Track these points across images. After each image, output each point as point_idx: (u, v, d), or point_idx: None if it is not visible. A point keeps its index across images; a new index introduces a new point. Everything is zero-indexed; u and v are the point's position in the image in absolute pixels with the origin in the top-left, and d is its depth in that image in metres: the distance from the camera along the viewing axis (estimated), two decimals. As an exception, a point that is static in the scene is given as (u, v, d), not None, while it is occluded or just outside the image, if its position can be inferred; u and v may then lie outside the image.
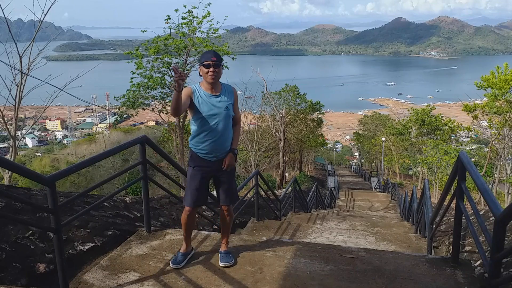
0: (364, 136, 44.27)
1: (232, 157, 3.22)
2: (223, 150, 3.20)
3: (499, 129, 15.97)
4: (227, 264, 3.25)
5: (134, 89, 11.92)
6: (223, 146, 3.18)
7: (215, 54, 3.02)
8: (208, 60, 2.99)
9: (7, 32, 8.05)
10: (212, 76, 3.02)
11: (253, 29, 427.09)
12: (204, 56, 3.04)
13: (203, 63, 3.02)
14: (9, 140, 11.67)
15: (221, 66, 3.09)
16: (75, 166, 2.95)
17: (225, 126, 3.13)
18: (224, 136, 3.15)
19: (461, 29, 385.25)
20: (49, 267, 2.97)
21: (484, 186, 2.50)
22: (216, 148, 3.15)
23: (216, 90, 3.12)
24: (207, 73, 3.02)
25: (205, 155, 3.18)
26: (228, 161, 3.20)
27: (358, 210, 14.50)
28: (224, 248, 3.42)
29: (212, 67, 3.00)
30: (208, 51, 3.06)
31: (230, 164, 3.21)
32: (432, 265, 3.29)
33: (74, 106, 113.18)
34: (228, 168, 3.22)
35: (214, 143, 3.12)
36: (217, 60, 3.01)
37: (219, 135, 3.11)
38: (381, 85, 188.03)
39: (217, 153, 3.17)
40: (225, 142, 3.18)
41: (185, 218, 3.29)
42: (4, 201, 3.47)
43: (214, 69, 3.01)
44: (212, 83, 3.06)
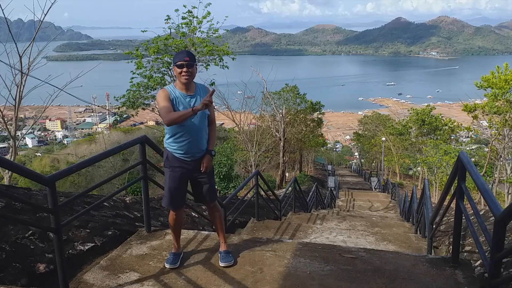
0: (364, 136, 44.25)
1: (209, 159, 3.22)
2: (199, 150, 3.19)
3: (499, 129, 15.97)
4: (227, 264, 3.25)
5: (134, 89, 11.91)
6: (199, 146, 3.17)
7: (188, 54, 3.03)
8: (181, 60, 2.99)
9: (7, 32, 8.05)
10: (186, 76, 3.02)
11: (253, 29, 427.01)
12: (177, 56, 3.04)
13: (176, 63, 3.02)
14: (9, 140, 11.68)
15: (195, 65, 3.09)
16: (75, 166, 2.95)
17: (200, 126, 3.13)
18: (199, 136, 3.14)
19: (461, 29, 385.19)
20: (49, 267, 2.97)
21: (484, 186, 2.50)
22: (192, 148, 3.14)
23: (191, 90, 3.12)
24: (181, 73, 3.03)
25: (182, 155, 3.16)
26: (206, 163, 3.20)
27: (358, 210, 14.50)
28: (224, 247, 3.42)
29: (186, 67, 3.00)
30: (181, 52, 3.07)
31: (208, 166, 3.21)
32: (432, 265, 3.29)
33: (74, 106, 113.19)
34: (207, 170, 3.22)
35: (190, 143, 3.12)
36: (190, 60, 3.01)
37: (194, 135, 3.11)
38: (381, 85, 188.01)
39: (193, 153, 3.16)
40: (201, 142, 3.17)
41: (172, 220, 3.33)
42: (4, 201, 3.47)
43: (188, 69, 3.01)
44: (186, 83, 3.06)
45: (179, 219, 3.37)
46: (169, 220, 3.36)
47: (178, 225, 3.37)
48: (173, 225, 3.36)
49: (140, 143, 3.63)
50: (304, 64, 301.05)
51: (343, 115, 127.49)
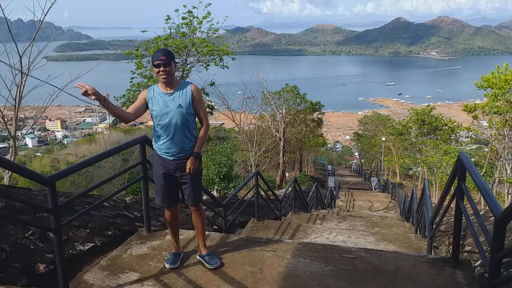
0: (364, 136, 44.25)
1: (194, 161, 3.14)
2: (181, 150, 3.13)
3: (499, 129, 15.96)
4: (215, 266, 3.23)
5: (134, 89, 11.92)
6: (179, 146, 3.12)
7: (164, 52, 3.01)
8: (158, 60, 2.99)
9: (7, 32, 8.05)
10: (164, 75, 3.02)
11: (253, 29, 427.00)
12: (154, 56, 3.03)
13: (153, 63, 3.02)
14: (9, 140, 11.67)
15: (173, 63, 3.05)
16: (75, 166, 2.95)
17: (179, 125, 3.08)
18: (179, 135, 3.09)
19: (461, 29, 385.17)
20: (49, 267, 2.97)
21: (484, 186, 2.50)
22: (172, 147, 3.11)
23: (171, 88, 3.11)
24: (158, 73, 3.03)
25: (163, 153, 3.17)
26: (189, 164, 3.13)
27: (358, 210, 14.50)
28: (205, 251, 3.37)
29: (162, 66, 2.99)
30: (158, 51, 3.06)
31: (191, 168, 3.14)
32: (432, 265, 3.29)
33: (74, 106, 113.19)
34: (191, 171, 3.16)
35: (169, 142, 3.11)
36: (167, 59, 2.99)
37: (173, 134, 3.08)
38: (381, 85, 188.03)
39: (174, 153, 3.13)
40: (181, 141, 3.11)
41: (166, 218, 3.36)
42: (4, 201, 3.47)
43: (165, 68, 3.00)
44: (164, 82, 3.06)
45: (173, 217, 3.36)
46: (165, 219, 3.38)
47: (173, 223, 3.36)
48: (168, 223, 3.37)
49: (140, 143, 3.63)
50: (304, 64, 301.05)
51: (343, 115, 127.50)
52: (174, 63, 3.10)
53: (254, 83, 21.49)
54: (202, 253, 3.36)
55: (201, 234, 3.39)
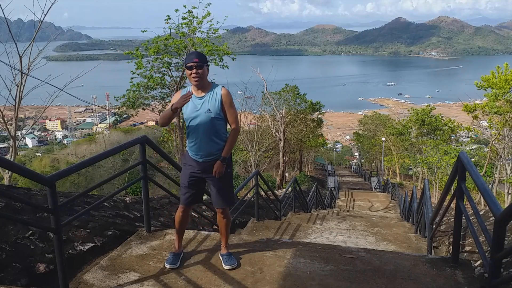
0: (364, 136, 44.26)
1: (220, 165, 3.13)
2: (210, 154, 3.14)
3: (499, 129, 15.97)
4: (231, 267, 3.24)
5: (134, 89, 11.90)
6: (207, 149, 3.13)
7: (197, 55, 3.01)
8: (190, 62, 2.99)
9: (7, 32, 8.05)
10: (196, 78, 3.02)
11: (253, 29, 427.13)
12: (187, 58, 3.04)
13: (186, 65, 3.03)
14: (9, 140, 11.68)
15: (205, 66, 3.05)
16: (75, 166, 2.95)
17: (207, 129, 3.08)
18: (206, 139, 3.10)
19: (461, 29, 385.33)
20: (49, 267, 2.98)
21: (484, 186, 2.50)
22: (200, 150, 3.13)
23: (203, 91, 3.11)
24: (191, 75, 3.03)
25: (194, 155, 3.20)
26: (216, 168, 3.14)
27: (358, 210, 14.50)
28: (225, 250, 3.40)
29: (195, 68, 2.99)
30: (191, 53, 3.06)
31: (218, 172, 3.15)
32: (432, 265, 3.29)
33: (74, 106, 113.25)
34: (218, 175, 3.17)
35: (198, 145, 3.13)
36: (200, 61, 2.99)
37: (200, 137, 3.10)
38: (381, 85, 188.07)
39: (202, 155, 3.15)
40: (209, 145, 3.11)
41: (176, 217, 3.35)
42: (4, 201, 3.47)
43: (197, 71, 3.00)
44: (196, 84, 3.07)
45: (184, 216, 3.35)
46: (175, 217, 3.37)
47: (182, 222, 3.35)
48: (176, 222, 3.36)
49: (140, 143, 3.63)
50: (304, 64, 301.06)
51: (343, 115, 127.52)
52: (207, 66, 3.10)
53: (254, 83, 21.49)
54: (222, 252, 3.39)
55: (224, 235, 3.41)
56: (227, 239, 3.45)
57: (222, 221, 3.38)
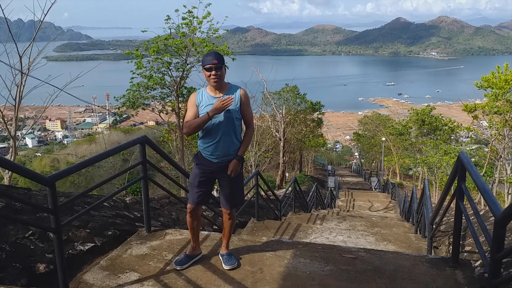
0: (364, 136, 44.26)
1: (236, 164, 3.12)
2: (226, 154, 3.12)
3: (499, 129, 15.97)
4: (231, 267, 3.22)
5: (134, 89, 11.91)
6: (225, 150, 3.11)
7: (216, 56, 2.97)
8: (209, 64, 2.95)
9: (7, 32, 8.05)
10: (215, 79, 3.00)
11: (253, 29, 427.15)
12: (205, 59, 2.99)
13: (205, 66, 2.99)
14: (9, 140, 11.68)
15: (224, 67, 3.04)
16: (75, 166, 2.95)
17: (226, 129, 3.07)
18: (226, 140, 3.08)
19: (461, 29, 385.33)
20: (49, 267, 2.97)
21: (484, 186, 2.49)
22: (218, 151, 3.10)
23: (220, 92, 3.09)
24: (209, 77, 3.00)
25: (208, 156, 3.16)
26: (232, 167, 3.12)
27: (358, 210, 14.50)
28: (225, 250, 3.39)
29: (214, 70, 2.97)
30: (209, 53, 3.01)
31: (234, 170, 3.13)
32: (432, 265, 3.29)
33: (74, 106, 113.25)
34: (233, 174, 3.15)
35: (215, 146, 3.09)
36: (219, 62, 2.96)
37: (219, 138, 3.07)
38: (381, 85, 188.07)
39: (219, 156, 3.12)
40: (228, 145, 3.10)
41: (188, 217, 3.31)
42: (4, 201, 3.47)
43: (216, 72, 2.97)
44: (215, 85, 3.05)
45: (194, 217, 3.29)
46: (187, 218, 3.32)
47: (193, 223, 3.30)
48: (187, 223, 3.31)
49: (140, 143, 3.63)
50: (304, 64, 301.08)
51: (343, 115, 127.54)
52: (225, 67, 3.09)
53: (254, 83, 21.49)
54: (222, 252, 3.38)
55: (227, 235, 3.39)
56: (229, 240, 3.44)
57: (227, 222, 3.36)
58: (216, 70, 2.97)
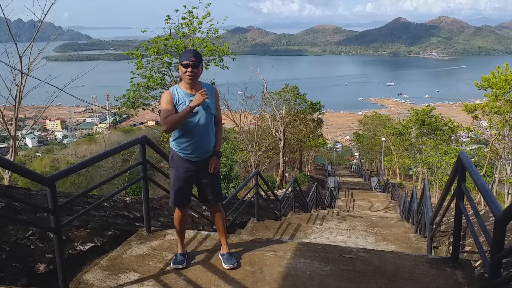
0: (364, 136, 44.26)
1: (216, 160, 3.22)
2: (206, 151, 3.17)
3: (499, 129, 15.97)
4: (231, 266, 3.23)
5: (134, 89, 11.91)
6: (205, 147, 3.15)
7: (194, 53, 2.99)
8: (187, 60, 2.96)
9: (7, 32, 8.05)
10: (190, 76, 3.00)
11: (253, 29, 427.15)
12: (183, 55, 3.00)
13: (182, 62, 2.99)
14: (9, 140, 11.67)
15: (201, 66, 3.05)
16: (75, 166, 2.95)
17: (206, 126, 3.11)
18: (206, 136, 3.13)
19: (461, 29, 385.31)
20: (49, 267, 2.97)
21: (484, 187, 2.49)
22: (198, 149, 3.13)
23: (196, 90, 3.09)
24: (185, 73, 3.00)
25: (188, 156, 3.15)
26: (214, 164, 3.19)
27: (358, 210, 14.49)
28: (226, 250, 3.38)
29: (191, 67, 2.97)
30: (187, 51, 3.03)
31: (216, 167, 3.21)
32: (432, 265, 3.29)
33: (74, 106, 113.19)
34: (215, 170, 3.21)
35: (196, 143, 3.10)
36: (196, 60, 2.97)
37: (200, 135, 3.10)
38: (381, 85, 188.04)
39: (199, 154, 3.14)
40: (207, 142, 3.15)
41: (176, 219, 3.34)
42: (4, 201, 3.47)
43: (193, 69, 2.98)
44: (190, 83, 3.05)
45: (183, 218, 3.35)
46: (174, 220, 3.36)
47: (182, 224, 3.35)
48: (177, 224, 3.35)
49: (140, 143, 3.63)
50: (304, 64, 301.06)
51: (343, 115, 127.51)
52: (202, 65, 3.10)
53: (254, 83, 21.50)
54: (222, 252, 3.37)
55: (223, 233, 3.41)
56: (227, 238, 3.45)
57: (220, 217, 3.37)
58: (192, 68, 2.98)
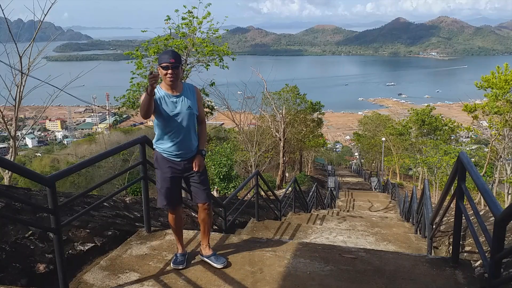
0: (364, 136, 44.27)
1: (201, 159, 3.20)
2: (189, 151, 3.17)
3: (499, 129, 15.97)
4: (223, 265, 3.23)
5: (134, 89, 11.90)
6: (188, 147, 3.15)
7: (173, 55, 2.95)
8: (166, 62, 2.93)
9: (7, 32, 8.06)
10: (171, 78, 2.98)
11: (253, 30, 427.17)
12: (162, 57, 2.97)
13: (161, 64, 2.97)
14: (9, 140, 11.68)
15: (180, 66, 3.02)
16: (75, 166, 2.95)
17: (188, 126, 3.10)
18: (188, 136, 3.13)
19: (461, 29, 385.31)
20: (49, 267, 2.97)
21: (484, 187, 2.49)
22: (182, 149, 3.12)
23: (177, 90, 3.08)
24: (166, 75, 2.98)
25: (171, 156, 3.15)
26: (199, 162, 3.18)
27: (358, 210, 14.49)
28: (210, 251, 3.34)
29: (171, 69, 2.95)
30: (166, 52, 3.00)
31: (200, 166, 3.20)
32: (432, 265, 3.29)
33: (74, 106, 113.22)
34: (200, 169, 3.20)
35: (179, 144, 3.11)
36: (176, 62, 2.95)
37: (183, 136, 3.09)
38: (381, 86, 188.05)
39: (182, 154, 3.14)
40: (190, 142, 3.15)
41: (171, 220, 3.34)
42: (4, 201, 3.47)
43: (173, 71, 2.96)
44: (171, 85, 3.03)
45: (178, 218, 3.35)
46: (169, 221, 3.36)
47: (177, 224, 3.36)
48: (172, 225, 3.35)
49: (140, 143, 3.63)
50: (304, 64, 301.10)
51: (343, 115, 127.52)
52: (182, 66, 3.08)
53: (254, 83, 21.51)
54: (208, 253, 3.32)
55: (208, 233, 3.37)
56: (209, 238, 3.40)
57: (207, 217, 3.30)
58: (172, 69, 2.96)
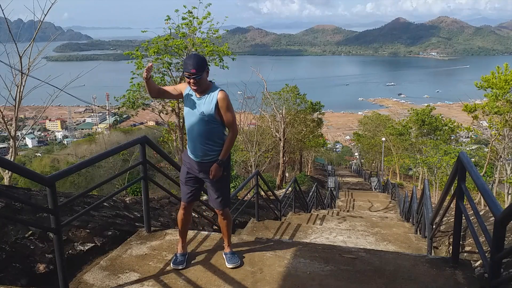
0: (364, 137, 44.25)
1: (216, 168, 3.10)
2: (204, 154, 3.12)
3: (499, 129, 15.97)
4: (234, 265, 3.25)
5: (134, 89, 11.91)
6: (201, 150, 3.11)
7: (195, 64, 2.88)
8: (188, 72, 2.90)
9: (7, 32, 8.06)
10: (194, 88, 2.99)
11: (253, 30, 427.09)
12: (185, 65, 2.92)
13: (184, 73, 2.97)
14: (9, 140, 11.68)
15: (204, 73, 2.95)
16: (75, 166, 2.95)
17: (200, 132, 3.06)
18: (200, 140, 3.08)
19: (461, 29, 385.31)
20: (49, 267, 2.97)
21: (484, 187, 2.50)
22: (195, 149, 3.14)
23: (202, 93, 3.06)
24: (189, 83, 2.99)
25: (190, 153, 3.22)
26: (213, 172, 3.11)
27: (358, 211, 14.49)
28: (228, 249, 3.41)
29: (193, 79, 2.92)
30: (189, 58, 2.93)
31: (215, 175, 3.12)
32: (432, 265, 3.29)
33: (74, 106, 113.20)
34: (214, 178, 3.14)
35: (192, 143, 3.14)
36: (197, 71, 2.88)
37: (194, 137, 3.10)
38: (381, 86, 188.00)
39: (198, 155, 3.14)
40: (203, 146, 3.09)
41: (179, 216, 3.37)
42: (4, 201, 3.47)
43: (195, 81, 2.92)
44: (195, 90, 3.03)
45: (186, 214, 3.34)
46: (177, 217, 3.38)
47: (183, 222, 3.34)
48: (179, 221, 3.35)
49: (140, 143, 3.63)
50: (304, 64, 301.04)
51: (343, 115, 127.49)
52: (207, 71, 3.01)
53: (254, 83, 21.50)
54: (225, 251, 3.41)
55: (226, 234, 3.42)
56: (230, 238, 3.46)
57: (223, 222, 3.40)
58: (195, 79, 2.92)
